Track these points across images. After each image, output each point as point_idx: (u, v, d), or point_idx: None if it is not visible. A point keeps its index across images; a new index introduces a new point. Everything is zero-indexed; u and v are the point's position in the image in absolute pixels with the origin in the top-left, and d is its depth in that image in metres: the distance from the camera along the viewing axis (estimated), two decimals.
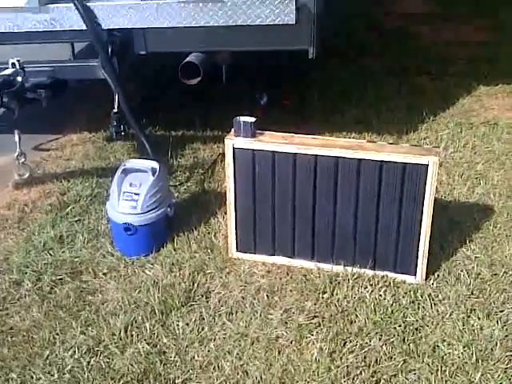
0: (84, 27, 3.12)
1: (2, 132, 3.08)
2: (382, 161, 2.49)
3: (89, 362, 2.28)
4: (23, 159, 3.43)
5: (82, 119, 4.33)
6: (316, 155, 2.55)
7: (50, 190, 3.44)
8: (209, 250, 2.85)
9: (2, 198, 3.35)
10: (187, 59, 3.53)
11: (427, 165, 2.44)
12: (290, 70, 4.65)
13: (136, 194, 2.80)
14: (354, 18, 6.17)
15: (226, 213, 2.86)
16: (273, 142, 2.61)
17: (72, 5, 3.08)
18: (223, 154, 2.86)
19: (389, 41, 5.80)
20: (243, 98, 4.13)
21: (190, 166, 3.64)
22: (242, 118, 2.64)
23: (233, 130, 2.66)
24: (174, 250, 2.86)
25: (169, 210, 2.92)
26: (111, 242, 2.93)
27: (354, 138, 3.81)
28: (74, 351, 2.32)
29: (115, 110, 3.34)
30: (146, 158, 3.06)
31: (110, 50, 3.25)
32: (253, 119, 2.64)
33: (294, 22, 3.05)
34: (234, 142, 2.63)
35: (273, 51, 3.48)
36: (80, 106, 4.49)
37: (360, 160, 2.51)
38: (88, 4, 3.12)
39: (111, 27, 3.18)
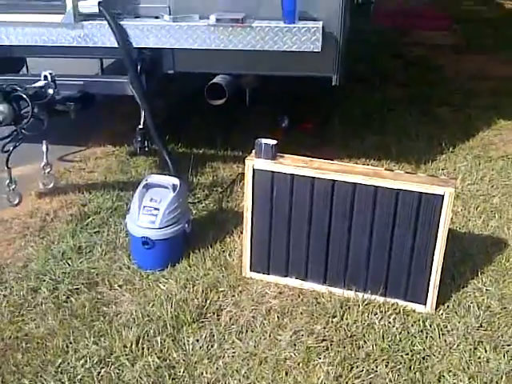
0: (115, 45, 3.21)
1: (31, 141, 3.16)
2: (398, 189, 2.52)
3: (99, 373, 2.31)
4: (49, 169, 3.52)
5: (106, 133, 4.42)
6: (334, 180, 2.59)
7: (72, 200, 3.50)
8: (223, 268, 2.89)
9: (25, 205, 3.41)
10: (214, 80, 3.62)
11: (443, 195, 2.46)
12: (312, 94, 4.71)
13: (156, 208, 2.86)
14: (380, 47, 6.23)
15: (241, 232, 2.91)
16: (292, 165, 2.66)
17: (105, 22, 3.18)
18: (242, 174, 2.91)
19: (413, 70, 5.87)
20: (265, 120, 4.20)
21: (209, 184, 3.69)
22: (264, 141, 2.68)
23: (254, 151, 2.71)
24: (189, 266, 2.90)
25: (186, 226, 2.97)
26: (128, 254, 2.98)
27: (372, 164, 3.85)
28: (86, 361, 2.36)
29: (141, 126, 3.41)
30: (167, 174, 3.12)
31: (139, 67, 3.33)
32: (274, 142, 2.68)
33: (319, 50, 3.10)
34: (254, 162, 2.68)
35: (296, 77, 3.55)
36: (105, 120, 4.58)
37: (377, 187, 2.54)
38: (121, 23, 3.21)
39: (142, 46, 3.26)
